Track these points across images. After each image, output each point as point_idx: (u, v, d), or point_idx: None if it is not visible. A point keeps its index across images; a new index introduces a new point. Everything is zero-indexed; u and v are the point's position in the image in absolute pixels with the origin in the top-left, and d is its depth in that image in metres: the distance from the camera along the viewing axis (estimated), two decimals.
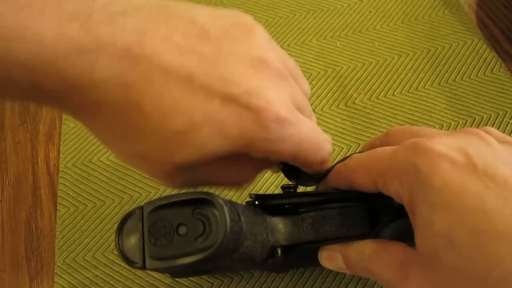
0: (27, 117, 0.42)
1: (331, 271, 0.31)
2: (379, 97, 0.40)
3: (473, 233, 0.17)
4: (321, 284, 0.31)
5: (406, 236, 0.21)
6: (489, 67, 0.41)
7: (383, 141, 0.25)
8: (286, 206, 0.24)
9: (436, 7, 0.46)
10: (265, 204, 0.24)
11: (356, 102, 0.40)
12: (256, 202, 0.24)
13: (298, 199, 0.24)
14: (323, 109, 0.40)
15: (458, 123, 0.38)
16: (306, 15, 0.47)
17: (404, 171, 0.20)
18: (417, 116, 0.39)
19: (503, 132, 0.37)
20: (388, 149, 0.21)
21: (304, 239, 0.23)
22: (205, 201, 0.20)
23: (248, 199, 0.26)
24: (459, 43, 0.43)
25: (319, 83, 0.41)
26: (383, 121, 0.38)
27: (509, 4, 0.45)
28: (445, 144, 0.19)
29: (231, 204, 0.21)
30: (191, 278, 0.31)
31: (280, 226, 0.24)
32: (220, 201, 0.20)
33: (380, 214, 0.24)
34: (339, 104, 0.40)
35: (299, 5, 0.48)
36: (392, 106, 0.39)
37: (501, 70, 0.41)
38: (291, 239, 0.23)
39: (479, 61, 0.42)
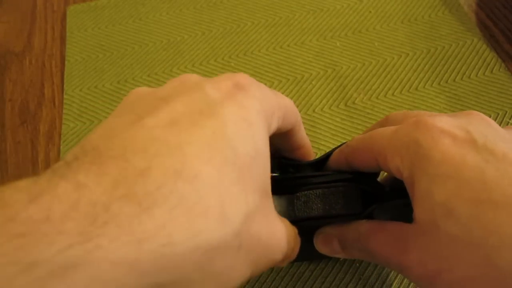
0: (27, 117, 0.42)
1: (331, 271, 0.31)
2: (379, 97, 0.40)
3: (472, 202, 0.17)
4: (321, 284, 0.31)
5: (400, 220, 0.21)
6: (489, 67, 0.41)
7: (383, 125, 0.25)
8: (283, 184, 0.24)
9: (436, 7, 0.46)
10: None
11: (356, 102, 0.40)
12: None
13: (295, 180, 0.24)
14: (323, 109, 0.40)
15: None
16: (306, 15, 0.47)
17: (405, 146, 0.20)
18: None
19: None
20: (390, 128, 0.22)
21: (297, 217, 0.23)
22: None
23: None
24: (459, 43, 0.43)
25: (319, 83, 0.41)
26: None
27: (509, 5, 0.45)
28: (447, 122, 0.20)
29: None
30: None
31: (274, 204, 0.24)
32: None
33: (374, 196, 0.24)
34: (339, 104, 0.40)
35: (299, 5, 0.48)
36: (392, 106, 0.39)
37: (501, 70, 0.41)
38: (284, 217, 0.24)
39: (479, 61, 0.42)
